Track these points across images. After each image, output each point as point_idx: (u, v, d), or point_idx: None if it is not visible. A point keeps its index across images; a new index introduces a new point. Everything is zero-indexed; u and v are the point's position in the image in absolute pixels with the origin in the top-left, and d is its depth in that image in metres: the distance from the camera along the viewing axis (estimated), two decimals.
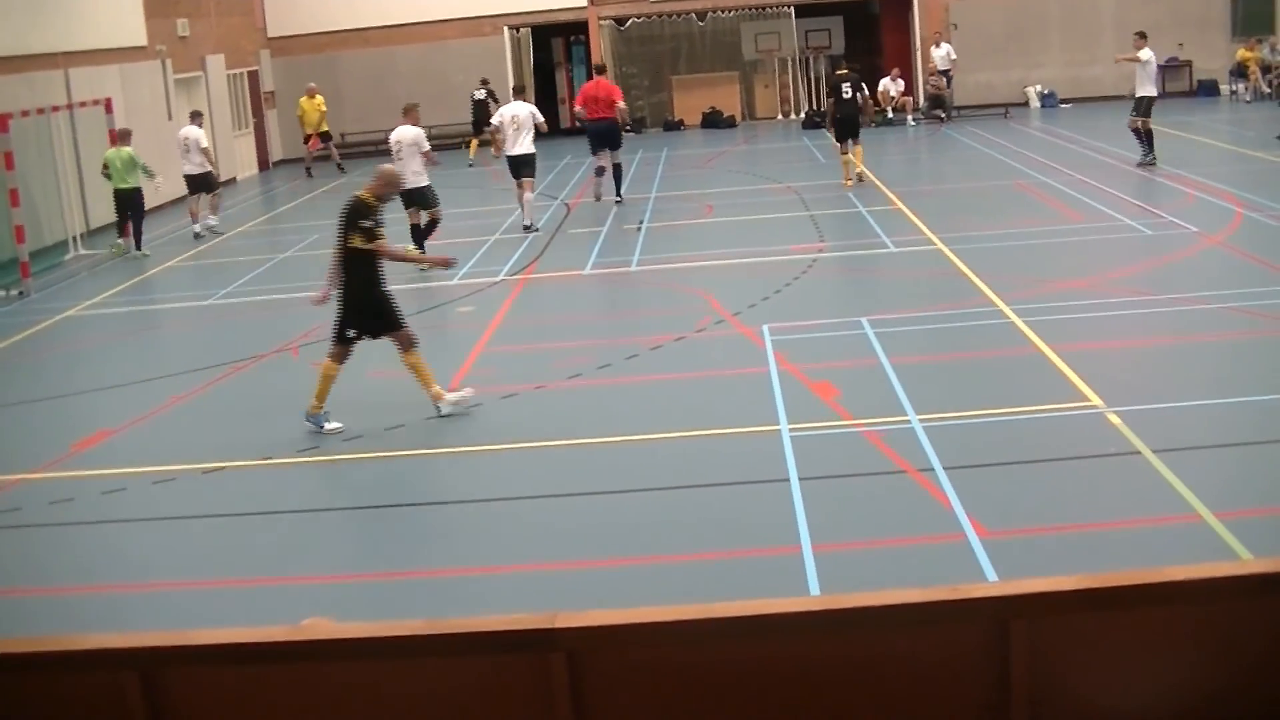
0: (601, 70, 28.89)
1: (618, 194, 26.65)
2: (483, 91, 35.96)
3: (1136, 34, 26.89)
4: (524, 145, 23.66)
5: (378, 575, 9.83)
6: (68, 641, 3.99)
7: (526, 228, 23.74)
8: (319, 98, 35.36)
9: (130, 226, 25.36)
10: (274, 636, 3.84)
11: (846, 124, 26.54)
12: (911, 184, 26.13)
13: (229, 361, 16.22)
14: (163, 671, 3.78)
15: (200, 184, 27.09)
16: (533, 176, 24.04)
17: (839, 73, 27.36)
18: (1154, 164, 25.60)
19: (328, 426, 13.02)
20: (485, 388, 13.95)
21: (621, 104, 26.97)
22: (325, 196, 31.23)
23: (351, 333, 13.17)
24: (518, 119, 23.77)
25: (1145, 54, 26.01)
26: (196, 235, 26.82)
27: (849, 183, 26.32)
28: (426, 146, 20.97)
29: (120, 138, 25.31)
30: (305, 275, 21.71)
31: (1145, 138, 25.74)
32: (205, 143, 27.07)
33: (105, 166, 25.17)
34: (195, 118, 27.69)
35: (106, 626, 8.80)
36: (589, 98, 26.52)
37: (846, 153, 26.56)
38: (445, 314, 18.02)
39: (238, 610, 9.26)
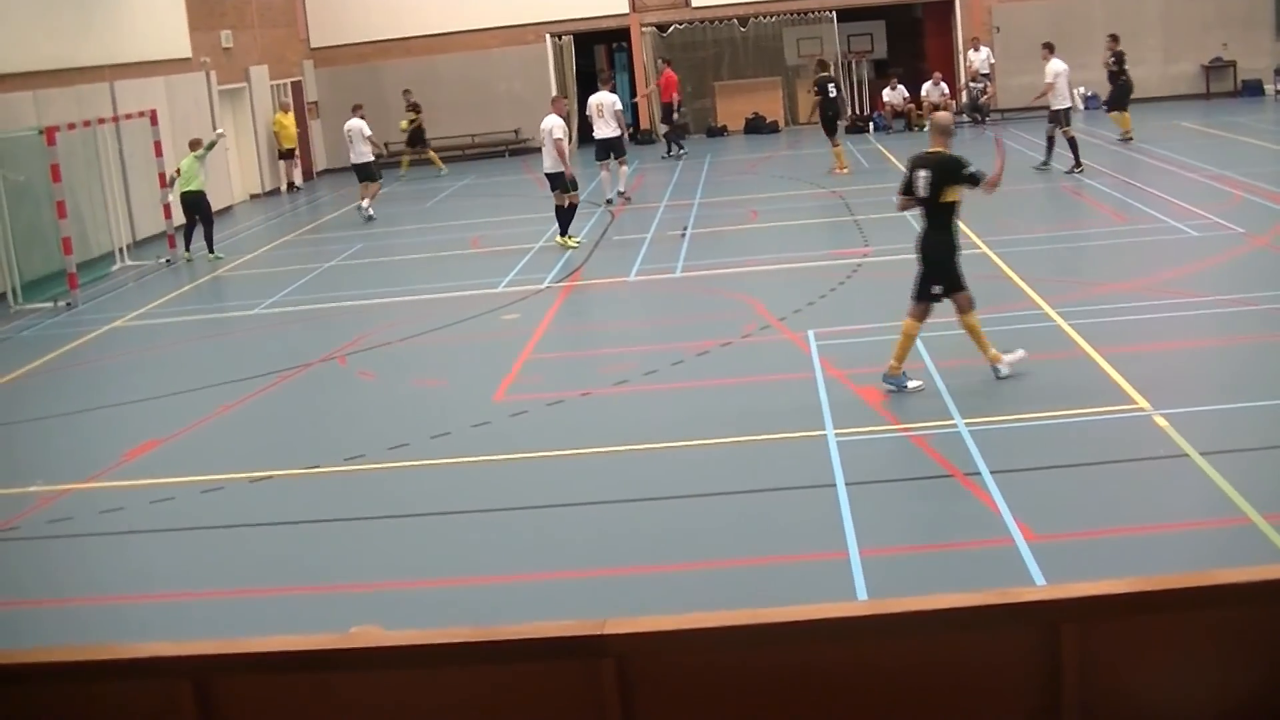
0: (669, 63, 37.26)
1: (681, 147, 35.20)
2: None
3: (1044, 45, 27.62)
4: (610, 129, 27.31)
5: (426, 583, 9.86)
6: (121, 650, 4.02)
7: (622, 195, 27.78)
8: (291, 114, 36.15)
9: (193, 232, 26.00)
10: (324, 644, 3.86)
11: (832, 121, 29.48)
12: None
13: (276, 371, 16.30)
14: (215, 680, 3.80)
15: (364, 172, 28.91)
16: (622, 155, 27.82)
17: (823, 74, 30.21)
18: (1048, 169, 26.53)
19: (911, 384, 12.98)
20: (531, 395, 13.99)
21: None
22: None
23: (938, 289, 13.06)
24: (602, 106, 27.23)
25: (1054, 66, 26.30)
26: (369, 217, 28.77)
27: (844, 170, 29.14)
28: (559, 136, 22.62)
29: (191, 147, 25.73)
30: (350, 285, 21.86)
31: (1070, 146, 26.14)
32: (368, 131, 28.94)
33: (177, 172, 25.61)
34: (356, 110, 29.50)
35: (158, 635, 8.86)
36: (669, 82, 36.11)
37: (838, 143, 29.44)
38: (490, 322, 18.06)
39: (287, 618, 9.31)
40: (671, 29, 40.46)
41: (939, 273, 13.02)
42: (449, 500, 11.57)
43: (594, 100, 27.88)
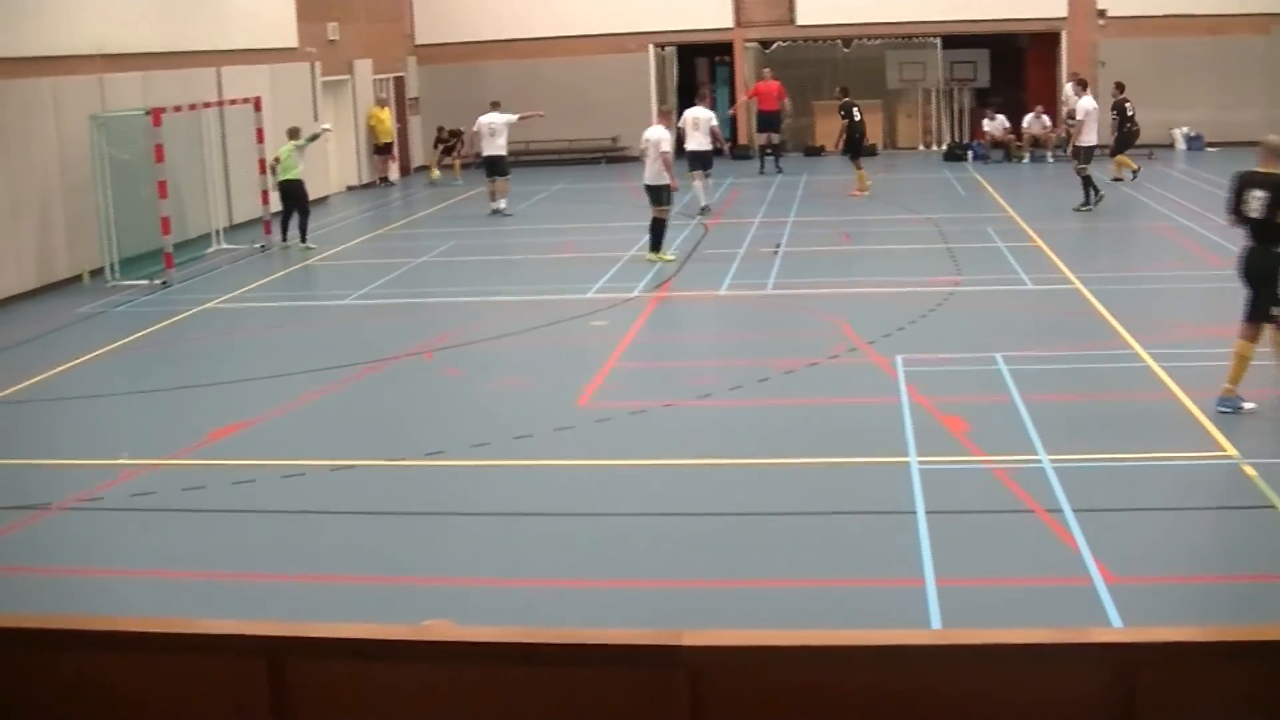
0: (773, 74, 36.45)
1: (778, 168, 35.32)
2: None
3: (1078, 81, 27.66)
4: (701, 143, 28.01)
5: (499, 581, 9.88)
6: (200, 625, 4.07)
7: (703, 210, 27.80)
8: (389, 109, 36.89)
9: (289, 220, 26.24)
10: (397, 634, 3.88)
11: (859, 143, 30.73)
12: (1051, 221, 25.77)
13: (363, 361, 16.42)
14: (290, 661, 3.83)
15: (494, 166, 29.24)
16: (709, 168, 28.51)
17: (845, 100, 31.16)
18: (1090, 211, 26.60)
19: (1246, 406, 12.86)
20: (615, 402, 14.01)
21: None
22: (461, 205, 31.53)
23: (1276, 309, 12.93)
24: (699, 120, 28.09)
25: (1087, 103, 26.44)
26: (495, 211, 29.37)
27: (863, 192, 30.02)
28: (665, 149, 22.68)
29: (290, 135, 25.93)
30: (440, 281, 21.99)
31: (1083, 184, 26.63)
32: (513, 117, 29.44)
33: (276, 160, 25.83)
34: (495, 106, 29.96)
35: (231, 613, 8.93)
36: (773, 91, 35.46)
37: (860, 165, 30.44)
38: (578, 327, 18.10)
39: (359, 607, 9.38)
40: (775, 45, 40.36)
41: (1273, 292, 12.83)
42: (526, 501, 11.60)
43: (690, 114, 28.47)
